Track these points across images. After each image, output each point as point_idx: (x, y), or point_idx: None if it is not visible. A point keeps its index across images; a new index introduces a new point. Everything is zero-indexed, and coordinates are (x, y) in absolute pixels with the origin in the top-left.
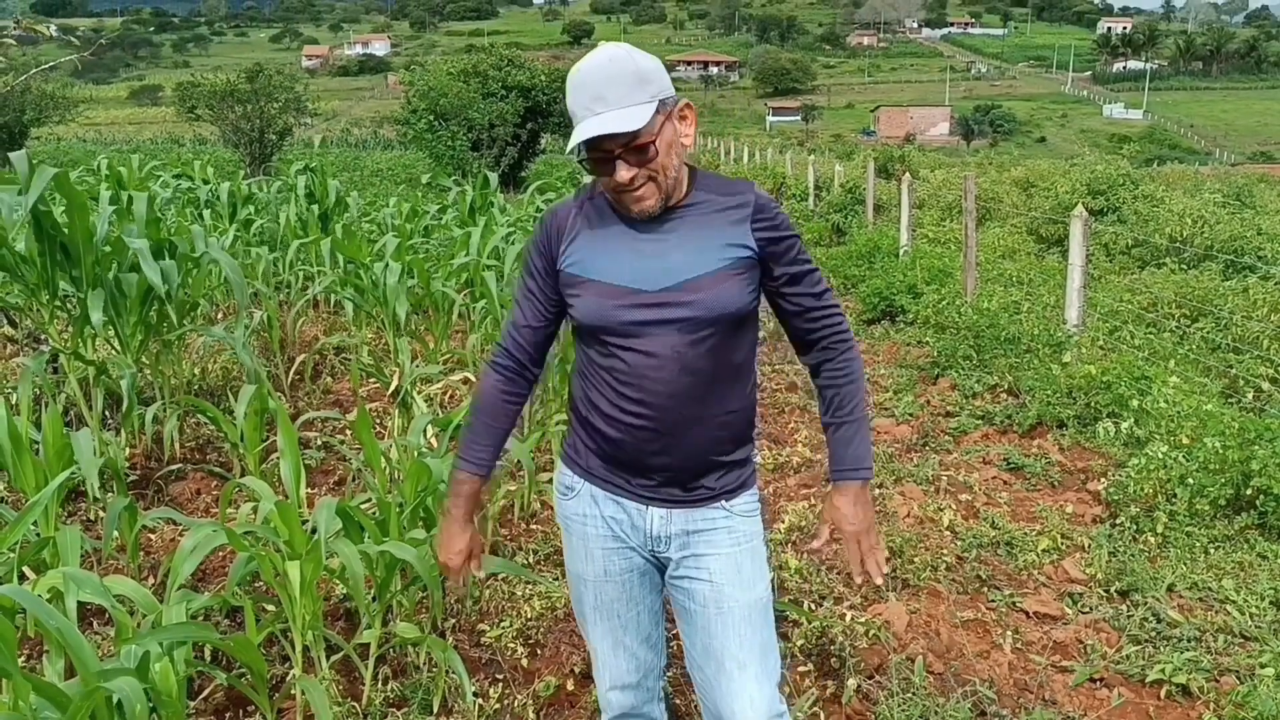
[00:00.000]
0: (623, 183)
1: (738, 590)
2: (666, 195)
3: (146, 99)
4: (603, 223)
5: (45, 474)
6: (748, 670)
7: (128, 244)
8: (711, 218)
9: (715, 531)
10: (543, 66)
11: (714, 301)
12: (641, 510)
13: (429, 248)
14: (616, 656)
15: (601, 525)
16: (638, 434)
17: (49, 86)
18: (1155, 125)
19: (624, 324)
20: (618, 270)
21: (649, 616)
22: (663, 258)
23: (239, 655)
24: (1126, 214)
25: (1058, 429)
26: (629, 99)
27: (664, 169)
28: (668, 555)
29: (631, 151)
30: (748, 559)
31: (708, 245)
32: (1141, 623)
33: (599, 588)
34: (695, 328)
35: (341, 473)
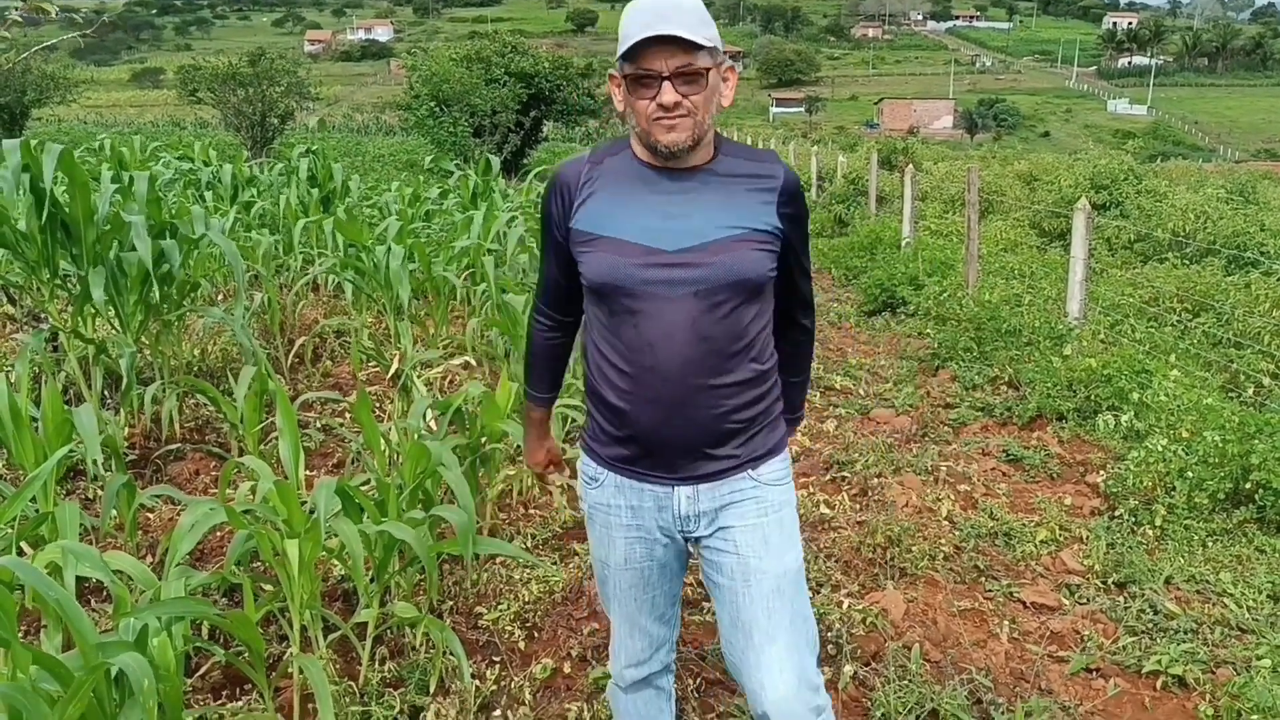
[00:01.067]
0: (665, 105)
1: (765, 562)
2: (698, 137)
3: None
4: (620, 180)
5: (44, 450)
6: (777, 642)
7: (126, 221)
8: (737, 183)
9: (743, 503)
10: (545, 54)
11: (734, 265)
12: (669, 492)
13: (430, 232)
14: (633, 638)
15: (625, 514)
16: (651, 407)
17: (50, 67)
18: (1159, 121)
19: (638, 283)
20: (635, 228)
21: (665, 599)
22: (685, 218)
23: (237, 632)
24: (1129, 209)
25: (1057, 421)
26: (693, 30)
27: (702, 109)
28: (699, 533)
29: (682, 76)
30: (775, 529)
31: (732, 210)
32: (1139, 614)
33: (619, 575)
34: (711, 291)
35: (340, 455)
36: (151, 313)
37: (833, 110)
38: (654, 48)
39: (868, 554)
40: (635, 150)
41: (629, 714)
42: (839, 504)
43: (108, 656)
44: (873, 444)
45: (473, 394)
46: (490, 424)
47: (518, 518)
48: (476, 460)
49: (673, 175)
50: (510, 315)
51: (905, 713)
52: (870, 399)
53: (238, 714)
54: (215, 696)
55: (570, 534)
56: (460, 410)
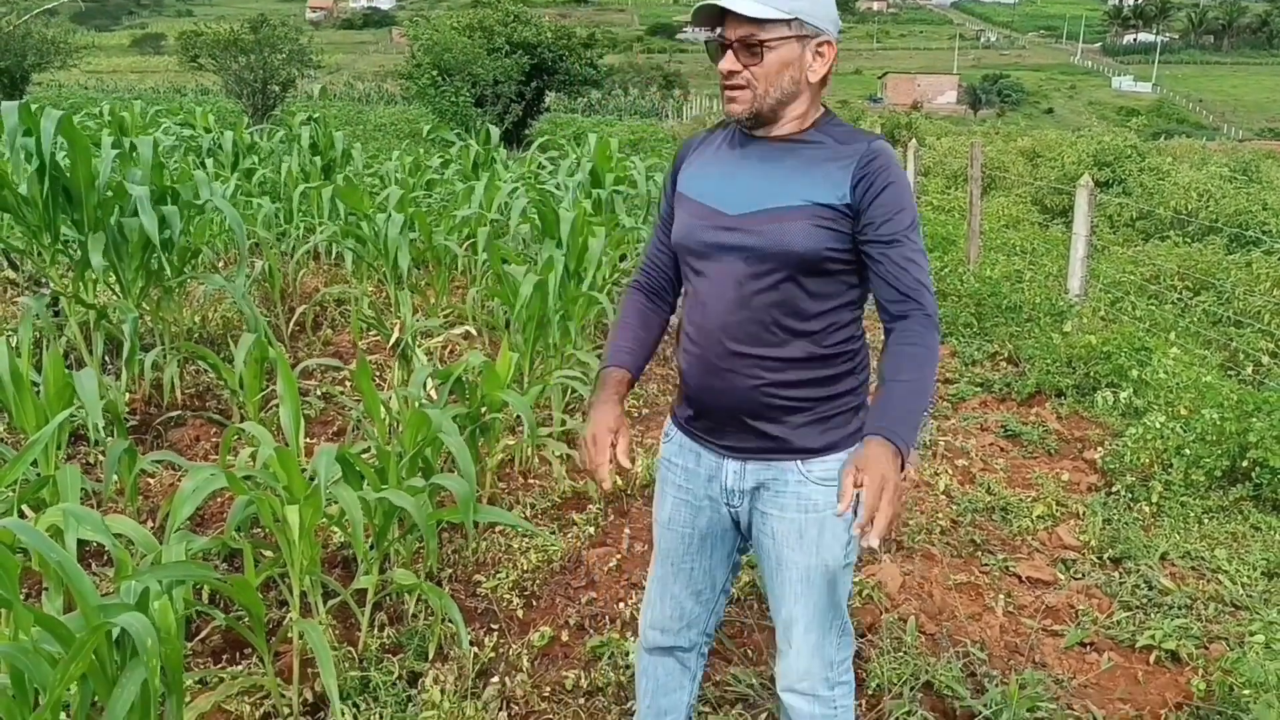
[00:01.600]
0: (722, 72)
1: (796, 554)
2: (757, 111)
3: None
4: (719, 147)
5: (46, 413)
6: (796, 625)
7: (129, 189)
8: (817, 157)
9: (784, 495)
10: (549, 24)
11: (781, 236)
12: (719, 463)
13: (430, 202)
14: (662, 601)
15: (680, 474)
16: (699, 366)
17: (51, 32)
18: (1164, 99)
19: (701, 244)
20: (709, 190)
21: (703, 575)
22: (751, 184)
23: (237, 597)
24: (1132, 186)
25: (1056, 398)
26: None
27: (765, 82)
28: (743, 507)
29: (743, 46)
30: (814, 527)
31: (801, 181)
32: (1133, 589)
33: (662, 534)
34: (758, 260)
35: (340, 423)
36: (152, 279)
37: (836, 84)
38: (726, 13)
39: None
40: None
41: (645, 673)
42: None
43: (109, 618)
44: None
45: (473, 363)
46: (490, 393)
47: (517, 487)
48: (476, 429)
49: (760, 144)
50: (510, 285)
51: (900, 684)
52: (870, 374)
53: (238, 677)
54: (215, 660)
55: (569, 504)
56: (460, 379)
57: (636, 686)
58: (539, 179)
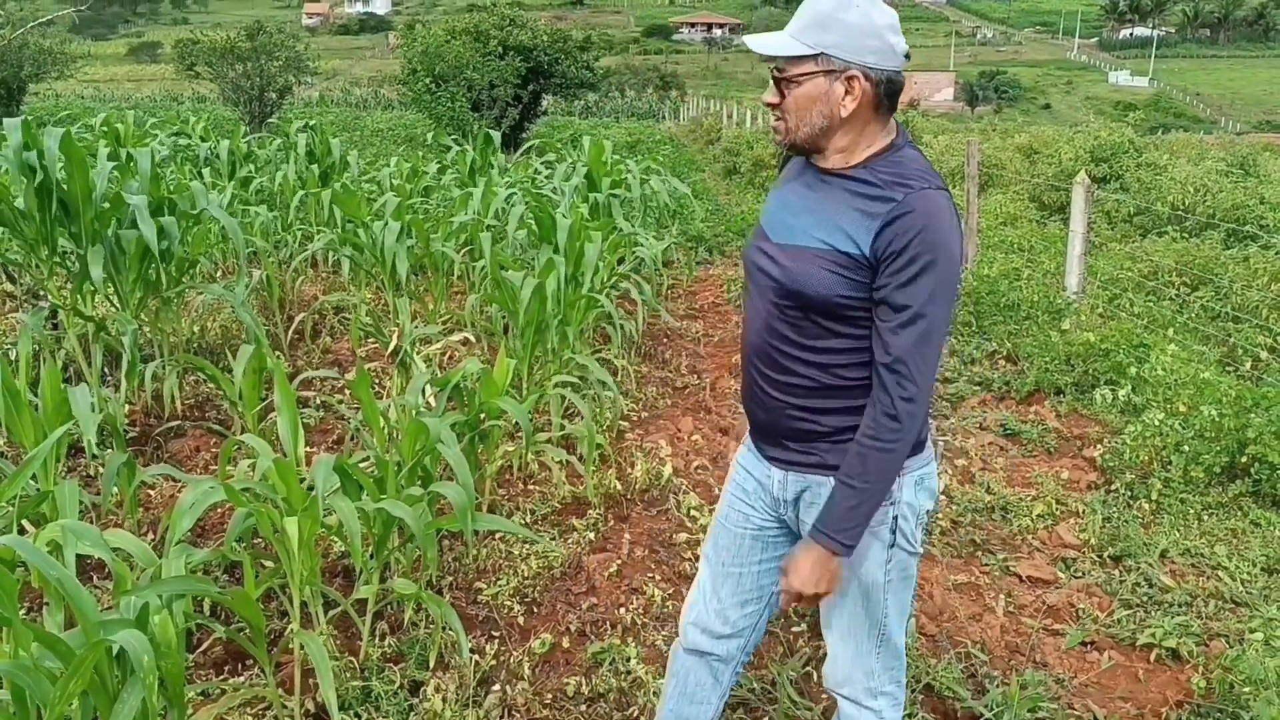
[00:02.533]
0: (764, 101)
1: None
2: (793, 143)
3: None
4: (796, 173)
5: (44, 429)
6: (833, 632)
7: (127, 201)
8: (856, 198)
9: (819, 507)
10: (545, 27)
11: (799, 275)
12: (769, 472)
13: (428, 208)
14: (706, 600)
15: (740, 474)
16: (744, 378)
17: (47, 42)
18: (1161, 93)
19: (752, 264)
20: (769, 215)
21: (751, 581)
22: (795, 216)
23: (237, 609)
24: (1129, 182)
25: (1055, 396)
26: (797, 32)
27: (795, 116)
28: (789, 518)
29: (779, 80)
30: None
31: (831, 222)
32: (1134, 588)
33: (718, 529)
34: (780, 293)
35: (340, 432)
36: (151, 290)
37: None
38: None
39: None
40: None
41: (677, 676)
42: None
43: (109, 634)
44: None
45: (471, 370)
46: (489, 400)
47: (517, 494)
48: (475, 437)
49: (821, 175)
50: (509, 291)
51: None
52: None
53: (240, 689)
54: (218, 672)
55: (569, 510)
56: (459, 387)
57: (666, 683)
58: (536, 184)
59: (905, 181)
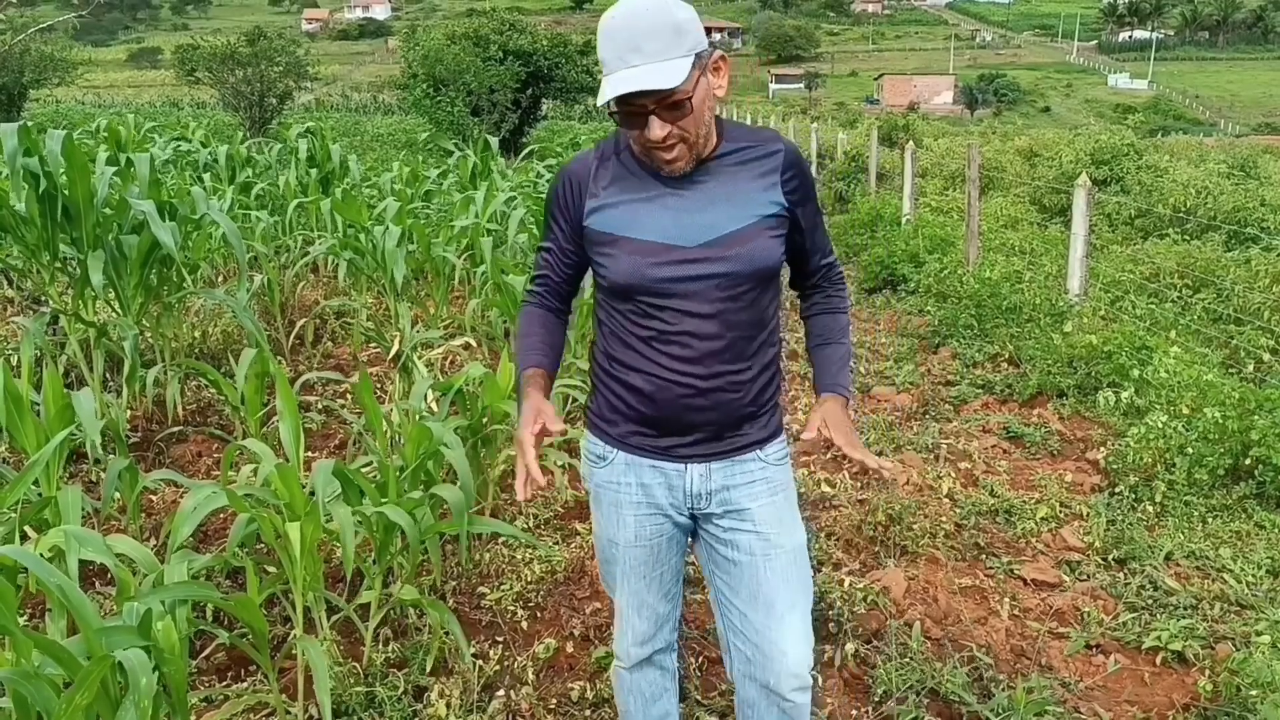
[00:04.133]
0: (655, 140)
1: (783, 537)
2: (698, 154)
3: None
4: (632, 178)
5: (46, 434)
6: (797, 610)
7: (133, 206)
8: (742, 170)
9: (753, 484)
10: (544, 31)
11: (753, 256)
12: (680, 470)
13: (429, 213)
14: (640, 616)
15: (637, 492)
16: (680, 391)
17: (48, 48)
18: (1160, 96)
19: (662, 281)
20: (654, 227)
21: (671, 575)
22: (701, 212)
23: (240, 615)
24: (1130, 184)
25: (1058, 398)
26: (666, 52)
27: (697, 126)
28: (708, 511)
29: (666, 108)
30: (786, 507)
31: (743, 200)
32: (1139, 590)
33: (629, 552)
34: (735, 283)
35: (342, 436)
36: (152, 295)
37: (833, 86)
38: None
39: (869, 532)
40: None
41: (633, 693)
42: (840, 482)
43: (111, 642)
44: (874, 422)
45: (474, 375)
46: (492, 404)
47: None
48: (478, 441)
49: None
50: (510, 295)
51: (906, 690)
52: (871, 377)
53: (243, 695)
54: (221, 678)
55: (571, 514)
56: (461, 391)
57: (623, 708)
58: (537, 188)
59: (764, 137)
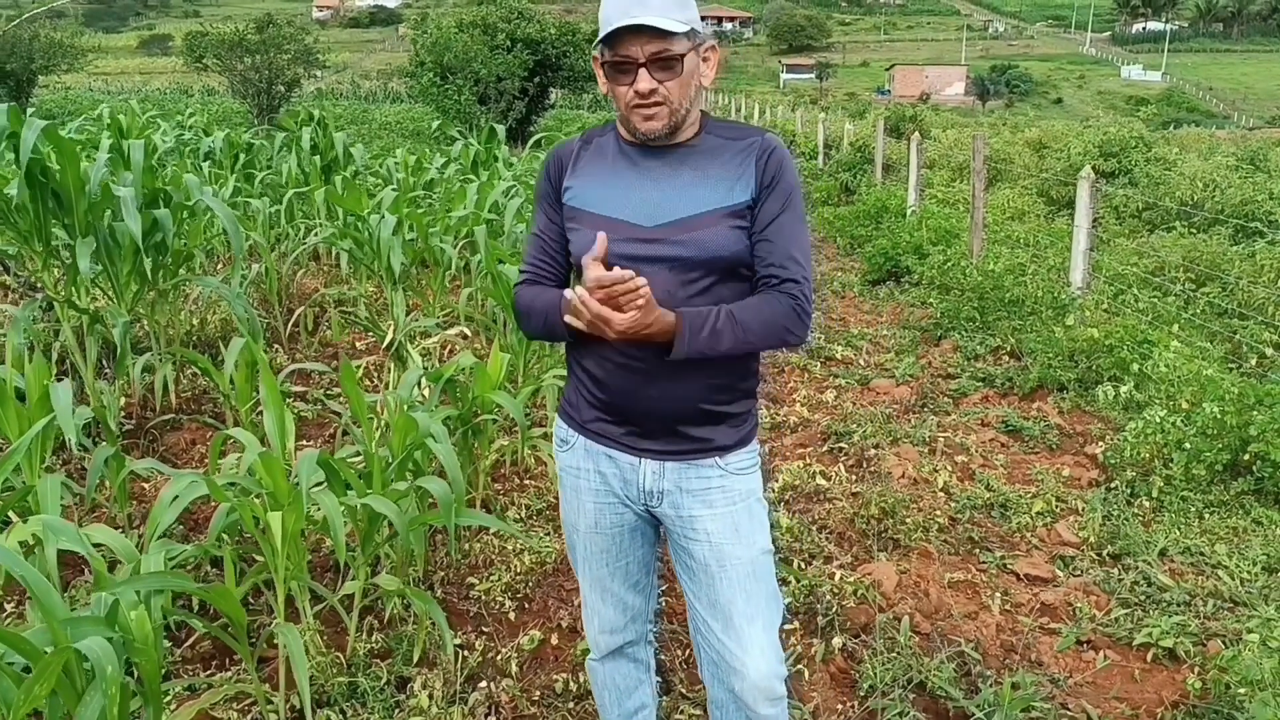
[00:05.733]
0: (641, 93)
1: (738, 548)
2: (675, 125)
3: (156, 49)
4: (607, 158)
5: (30, 422)
6: (755, 623)
7: (115, 192)
8: (717, 160)
9: (709, 491)
10: (553, 20)
11: (707, 243)
12: (634, 464)
13: (430, 201)
14: (605, 604)
15: (595, 479)
16: (628, 375)
17: (58, 35)
18: (1174, 88)
19: (617, 257)
20: (616, 204)
21: (638, 566)
22: (661, 194)
23: (218, 605)
24: (1138, 177)
25: (1058, 392)
26: (669, 11)
27: (680, 95)
28: (662, 510)
29: (657, 63)
30: (745, 517)
31: (709, 186)
32: (1132, 586)
33: (589, 539)
34: (687, 268)
35: (337, 426)
36: (145, 283)
37: (844, 77)
38: (630, 34)
39: (861, 526)
40: (621, 130)
41: (605, 685)
42: (835, 475)
43: (76, 633)
44: (871, 414)
45: (464, 364)
46: (482, 394)
47: (512, 488)
48: (469, 431)
49: (655, 153)
50: (504, 285)
51: (892, 684)
52: (871, 369)
53: (223, 684)
54: (205, 666)
55: None
56: (452, 381)
57: (599, 701)
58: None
59: (747, 131)
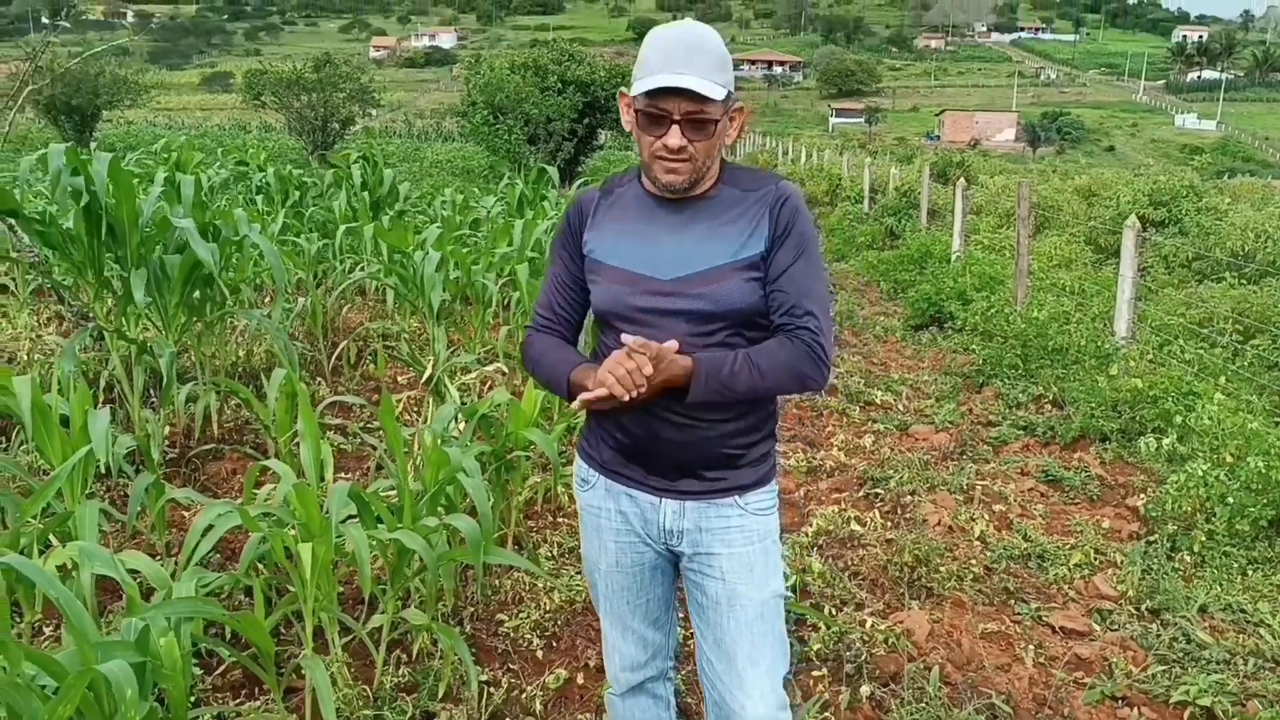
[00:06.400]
0: (670, 149)
1: (750, 589)
2: (694, 182)
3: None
4: (625, 210)
5: (73, 449)
6: (759, 666)
7: (174, 224)
8: (733, 212)
9: (728, 530)
10: (603, 62)
11: (722, 296)
12: (655, 504)
13: (476, 240)
14: (625, 641)
15: (616, 518)
16: (647, 419)
17: (122, 71)
18: (1228, 137)
19: (635, 310)
20: (634, 256)
21: (658, 604)
22: (678, 247)
23: (247, 634)
24: (1189, 226)
25: (1100, 442)
26: (711, 74)
27: (705, 155)
28: (681, 549)
29: (691, 123)
30: (760, 558)
31: (724, 240)
32: (1170, 643)
33: (609, 577)
34: (703, 320)
35: (374, 458)
36: (193, 314)
37: (893, 121)
38: (670, 91)
39: (894, 573)
40: (642, 180)
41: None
42: (870, 521)
43: (105, 656)
44: (909, 461)
45: (499, 401)
46: (517, 431)
47: (545, 525)
48: (502, 467)
49: (673, 205)
50: None
51: None
52: (910, 414)
53: (252, 713)
54: (235, 695)
55: None
56: (486, 416)
57: None
58: None
59: (763, 178)
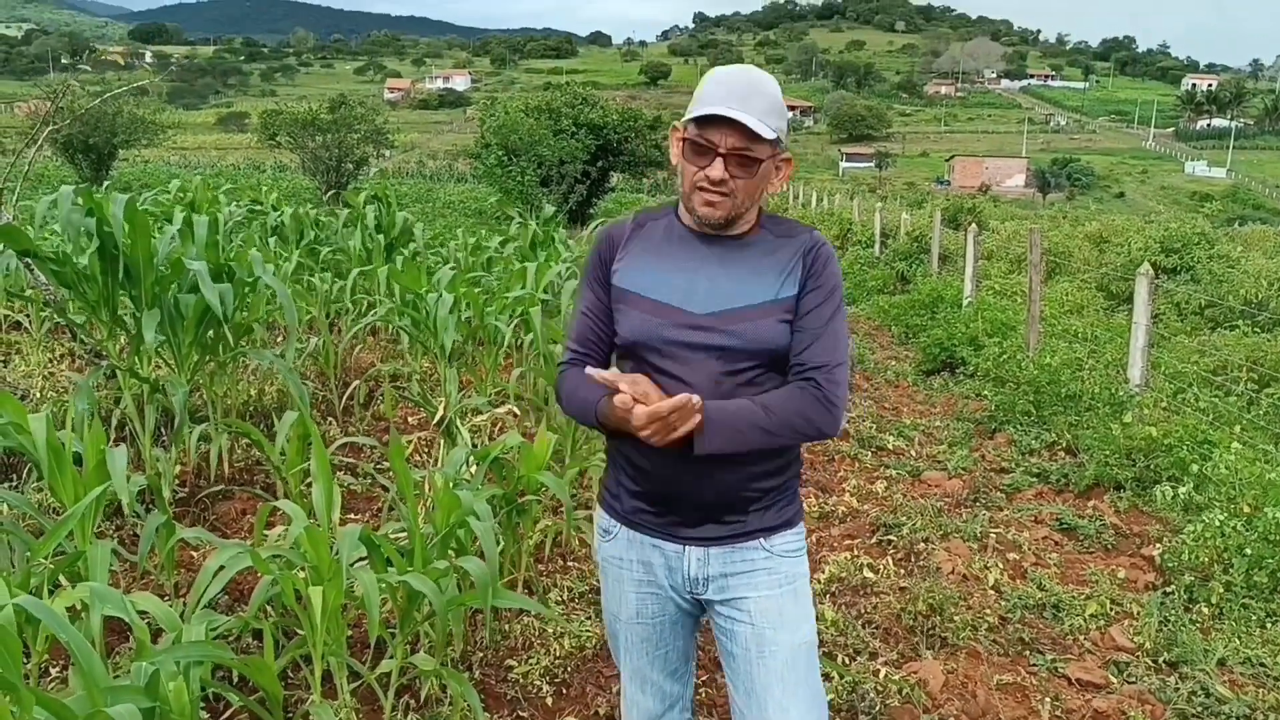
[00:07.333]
0: (712, 179)
1: (780, 633)
2: (731, 219)
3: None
4: (659, 241)
5: (85, 488)
6: (790, 714)
7: (187, 266)
8: (771, 256)
9: (755, 573)
10: (616, 105)
11: (755, 335)
12: (679, 552)
13: (488, 281)
14: (644, 693)
15: (638, 569)
16: (669, 464)
17: (139, 111)
18: (1238, 184)
19: (665, 342)
20: (666, 288)
21: (677, 655)
22: (713, 282)
23: (255, 678)
24: (1201, 273)
25: (1115, 490)
26: (766, 117)
27: (746, 193)
28: (708, 597)
29: (737, 158)
30: (790, 601)
31: (760, 279)
32: (1189, 696)
33: (630, 629)
34: (734, 358)
35: (385, 500)
36: (206, 353)
37: (903, 166)
38: (723, 123)
39: (908, 621)
40: (680, 214)
41: None
42: (883, 568)
43: (114, 700)
44: (922, 507)
45: (511, 444)
46: (528, 474)
47: (555, 569)
48: (513, 511)
49: (711, 241)
50: (554, 365)
51: None
52: (923, 460)
53: None
54: None
55: None
56: (498, 459)
57: None
58: None
59: (799, 227)
